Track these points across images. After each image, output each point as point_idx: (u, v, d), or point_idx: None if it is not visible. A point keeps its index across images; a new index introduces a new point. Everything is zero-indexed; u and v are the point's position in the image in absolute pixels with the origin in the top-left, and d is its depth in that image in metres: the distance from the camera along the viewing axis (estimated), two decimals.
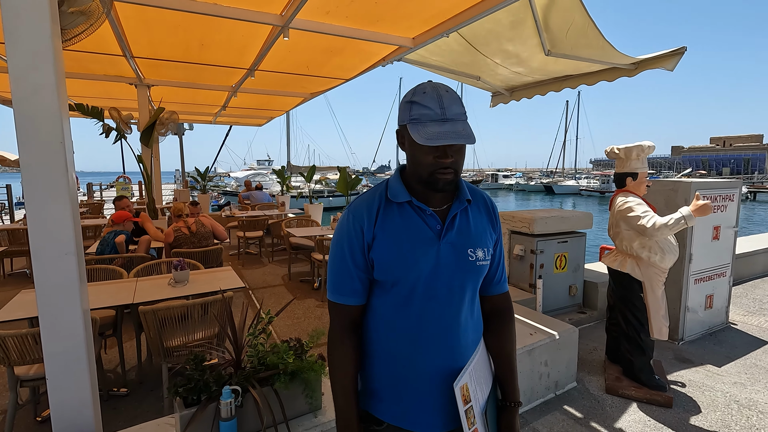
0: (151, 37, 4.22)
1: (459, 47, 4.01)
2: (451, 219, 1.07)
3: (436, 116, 0.95)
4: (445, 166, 0.98)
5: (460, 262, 1.05)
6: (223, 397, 1.65)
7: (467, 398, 1.02)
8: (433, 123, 0.95)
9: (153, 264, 3.65)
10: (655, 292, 2.81)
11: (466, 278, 1.06)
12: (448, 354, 1.06)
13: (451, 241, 1.05)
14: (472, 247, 1.07)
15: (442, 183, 1.00)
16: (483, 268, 1.09)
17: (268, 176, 32.62)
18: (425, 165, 0.99)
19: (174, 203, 4.57)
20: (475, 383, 1.07)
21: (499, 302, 1.20)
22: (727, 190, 3.76)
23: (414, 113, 0.97)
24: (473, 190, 1.16)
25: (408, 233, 1.04)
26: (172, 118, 6.64)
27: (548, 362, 2.84)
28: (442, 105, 0.95)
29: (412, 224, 1.05)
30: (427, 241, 1.04)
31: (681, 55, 3.43)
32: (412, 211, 1.06)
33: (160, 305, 2.52)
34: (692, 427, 2.51)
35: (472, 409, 1.03)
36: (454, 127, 0.94)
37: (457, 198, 1.09)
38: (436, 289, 1.04)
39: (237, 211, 8.53)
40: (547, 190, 45.66)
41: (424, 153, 0.99)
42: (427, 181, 1.01)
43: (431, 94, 0.97)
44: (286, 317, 4.27)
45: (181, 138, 15.21)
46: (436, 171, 0.99)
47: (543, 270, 3.94)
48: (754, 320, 4.16)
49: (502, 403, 1.17)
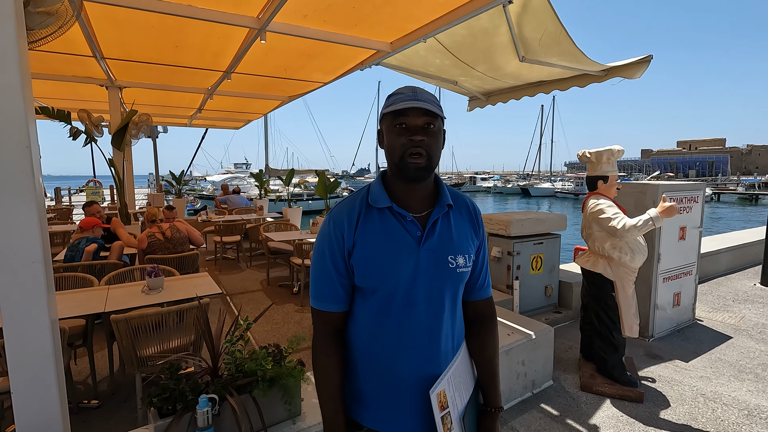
0: (123, 37, 4.12)
1: (436, 52, 4.06)
2: (432, 225, 1.06)
3: (408, 97, 1.00)
4: (415, 144, 0.98)
5: (440, 268, 1.05)
6: (200, 406, 1.62)
7: (444, 404, 1.02)
8: (406, 101, 1.00)
9: (126, 271, 3.55)
10: (626, 291, 2.91)
11: (446, 285, 1.06)
12: (427, 360, 1.06)
13: (431, 247, 1.05)
14: (453, 254, 1.06)
15: (413, 168, 1.00)
16: (464, 275, 1.09)
17: (246, 180, 32.13)
18: (397, 148, 1.01)
19: (148, 208, 4.42)
20: (454, 389, 1.07)
21: (482, 308, 1.19)
22: (692, 192, 3.92)
23: (390, 101, 1.03)
24: (455, 195, 1.16)
25: (388, 240, 1.04)
26: (145, 120, 6.48)
27: (525, 362, 2.89)
28: (414, 91, 1.02)
29: (392, 231, 1.05)
30: (407, 248, 1.04)
31: (648, 63, 3.58)
32: (393, 217, 1.06)
33: (133, 313, 2.45)
34: (662, 420, 2.60)
35: (449, 416, 1.03)
36: (423, 103, 0.98)
37: (438, 203, 1.09)
38: (415, 295, 1.04)
39: (214, 215, 8.37)
40: (524, 192, 46.59)
41: (396, 134, 1.01)
42: (399, 167, 1.02)
43: (406, 87, 1.04)
44: (264, 323, 4.21)
45: (154, 141, 14.82)
46: (406, 154, 0.99)
47: (520, 271, 4.02)
48: (718, 316, 4.35)
49: (483, 408, 1.17)
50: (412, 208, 1.07)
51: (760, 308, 4.58)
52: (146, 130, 6.67)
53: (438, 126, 1.02)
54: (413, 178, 1.02)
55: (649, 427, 2.54)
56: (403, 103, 0.99)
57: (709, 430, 2.51)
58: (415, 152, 0.99)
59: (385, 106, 1.04)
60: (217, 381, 1.75)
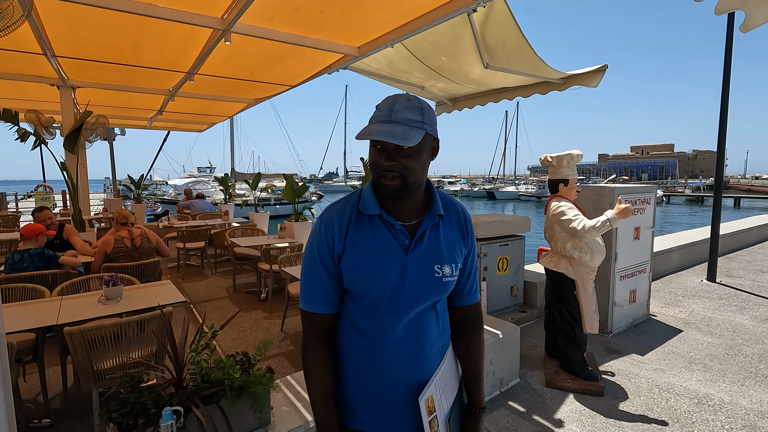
0: (76, 35, 3.92)
1: (403, 58, 4.12)
2: (420, 235, 1.07)
3: (382, 117, 0.98)
4: (386, 168, 0.98)
5: (425, 278, 1.06)
6: (163, 419, 1.55)
7: (432, 409, 1.04)
8: (377, 123, 0.97)
9: (81, 280, 3.36)
10: (586, 289, 3.04)
11: (431, 294, 1.07)
12: (413, 366, 1.07)
13: (418, 257, 1.06)
14: (440, 263, 1.07)
15: (387, 189, 1.00)
16: (449, 284, 1.10)
17: (210, 184, 31.18)
18: (373, 167, 1.01)
19: (120, 210, 4.12)
20: (441, 392, 1.09)
21: (469, 312, 1.20)
22: (645, 194, 4.16)
23: (372, 115, 1.01)
24: (447, 203, 1.15)
25: (376, 248, 1.04)
26: (100, 122, 6.18)
27: (494, 361, 2.96)
28: (392, 109, 0.98)
29: (381, 239, 1.05)
30: (395, 257, 1.04)
31: (603, 72, 3.77)
32: (382, 225, 1.06)
33: (89, 325, 2.32)
34: (621, 412, 2.73)
35: (437, 419, 1.05)
36: (392, 129, 0.94)
37: (429, 213, 1.09)
38: (401, 302, 1.05)
39: (176, 221, 8.08)
40: (490, 195, 47.78)
41: (372, 155, 1.01)
42: (377, 185, 1.03)
43: (389, 100, 1.00)
44: (231, 331, 4.10)
45: (111, 144, 14.18)
46: (380, 175, 1.00)
47: (487, 272, 4.11)
48: (670, 311, 4.62)
49: (467, 408, 1.19)
50: (402, 216, 1.08)
51: (707, 303, 4.90)
52: (102, 132, 6.37)
53: (415, 147, 0.97)
54: (389, 197, 1.03)
55: (610, 419, 2.66)
56: (374, 126, 0.96)
57: (664, 419, 2.65)
58: (388, 176, 0.99)
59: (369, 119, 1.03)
60: (181, 392, 1.69)
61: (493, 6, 3.04)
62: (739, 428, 2.55)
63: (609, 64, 3.79)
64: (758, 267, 6.60)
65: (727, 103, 5.60)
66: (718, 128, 5.72)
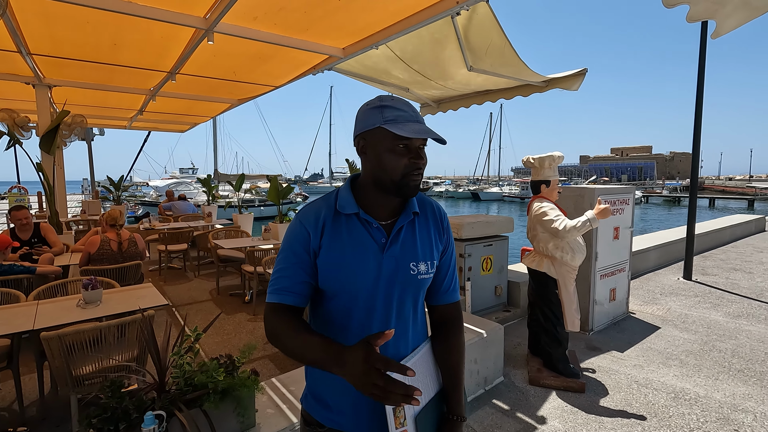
0: (53, 33, 3.82)
1: (388, 59, 4.13)
2: (396, 232, 1.08)
3: (412, 117, 1.01)
4: (418, 167, 1.02)
5: (401, 275, 1.06)
6: (145, 424, 1.53)
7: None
8: (413, 122, 1.00)
9: (58, 284, 3.27)
10: (567, 288, 3.10)
11: (407, 291, 1.08)
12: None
13: (394, 254, 1.06)
14: (415, 260, 1.08)
15: (413, 186, 1.03)
16: (425, 281, 1.10)
17: (193, 185, 30.68)
18: (399, 168, 1.01)
19: (110, 210, 3.97)
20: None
21: (447, 312, 1.19)
22: (624, 195, 4.26)
23: (388, 115, 1.00)
24: (423, 201, 1.17)
25: (352, 246, 1.05)
26: (78, 122, 6.04)
27: (478, 360, 2.99)
28: (414, 110, 1.03)
29: (357, 237, 1.06)
30: (370, 254, 1.05)
31: (583, 75, 3.86)
32: (359, 224, 1.07)
33: (67, 329, 2.27)
34: (601, 408, 2.79)
35: (403, 410, 1.02)
36: (429, 130, 1.00)
37: (404, 211, 1.10)
38: (375, 300, 1.05)
39: (157, 223, 7.93)
40: (474, 196, 48.21)
41: (398, 155, 1.00)
42: (399, 185, 1.02)
43: (399, 100, 1.03)
44: (215, 334, 4.04)
45: (90, 144, 13.83)
46: (409, 173, 1.02)
47: (471, 272, 4.16)
48: (648, 309, 4.74)
49: (446, 415, 1.15)
50: (380, 215, 1.09)
51: (683, 300, 5.05)
52: (80, 132, 6.22)
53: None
54: (412, 195, 1.05)
55: (591, 414, 2.72)
56: (412, 126, 0.99)
57: (642, 413, 2.72)
58: (416, 173, 1.02)
59: (380, 114, 1.00)
60: (164, 396, 1.67)
61: (477, 9, 3.08)
62: (713, 421, 2.64)
63: (590, 69, 3.88)
64: (731, 265, 6.83)
65: (701, 106, 5.79)
66: (693, 131, 5.90)
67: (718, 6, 2.20)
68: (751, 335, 3.98)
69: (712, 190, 50.67)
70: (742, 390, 3.00)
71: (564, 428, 2.58)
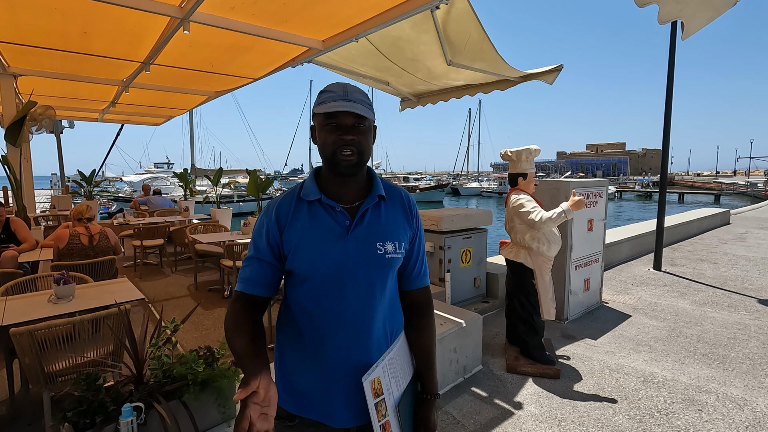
0: (17, 20, 3.66)
1: (368, 53, 4.13)
2: (361, 214, 1.10)
3: (338, 97, 1.04)
4: (345, 143, 1.03)
5: (367, 255, 1.08)
6: (123, 416, 1.51)
7: (379, 392, 1.04)
8: (338, 101, 1.03)
9: (26, 280, 3.16)
10: (543, 278, 3.19)
11: (375, 272, 1.09)
12: (358, 348, 1.07)
13: (359, 236, 1.08)
14: (381, 240, 1.09)
15: (344, 164, 1.05)
16: (393, 261, 1.11)
17: (169, 180, 29.91)
18: (329, 144, 1.05)
19: (77, 205, 3.84)
20: (390, 377, 1.09)
21: (417, 297, 1.22)
22: (597, 188, 4.40)
23: (320, 99, 1.07)
24: (390, 188, 1.19)
25: (315, 230, 1.07)
26: (46, 113, 5.81)
27: (457, 349, 3.05)
28: (345, 90, 1.06)
29: (320, 221, 1.08)
30: (335, 237, 1.07)
31: (559, 71, 3.94)
32: (322, 209, 1.09)
33: (38, 325, 2.20)
34: (576, 393, 2.90)
35: (384, 403, 1.05)
36: (353, 105, 1.03)
37: (369, 195, 1.13)
38: (344, 283, 1.06)
39: (132, 218, 7.72)
40: (454, 191, 48.63)
41: (327, 132, 1.05)
42: (331, 162, 1.07)
43: (335, 84, 1.08)
44: (193, 329, 3.99)
45: (59, 137, 13.29)
46: (338, 150, 1.04)
47: (451, 264, 4.22)
48: (620, 298, 4.92)
49: (420, 395, 1.20)
50: (344, 200, 1.11)
51: (653, 290, 5.25)
52: (48, 124, 5.99)
53: (368, 124, 1.07)
54: (345, 173, 1.07)
55: (565, 399, 2.81)
56: (333, 103, 1.02)
57: (614, 396, 2.84)
58: (347, 150, 1.04)
59: (317, 104, 1.06)
60: (142, 388, 1.65)
61: (455, 4, 3.11)
62: (679, 402, 2.77)
63: (566, 68, 3.97)
64: (698, 256, 7.13)
65: (670, 105, 6.00)
66: (663, 128, 6.12)
67: (683, 6, 2.30)
68: (715, 321, 4.18)
69: (682, 185, 52.59)
70: (706, 373, 3.16)
71: (540, 413, 2.67)
